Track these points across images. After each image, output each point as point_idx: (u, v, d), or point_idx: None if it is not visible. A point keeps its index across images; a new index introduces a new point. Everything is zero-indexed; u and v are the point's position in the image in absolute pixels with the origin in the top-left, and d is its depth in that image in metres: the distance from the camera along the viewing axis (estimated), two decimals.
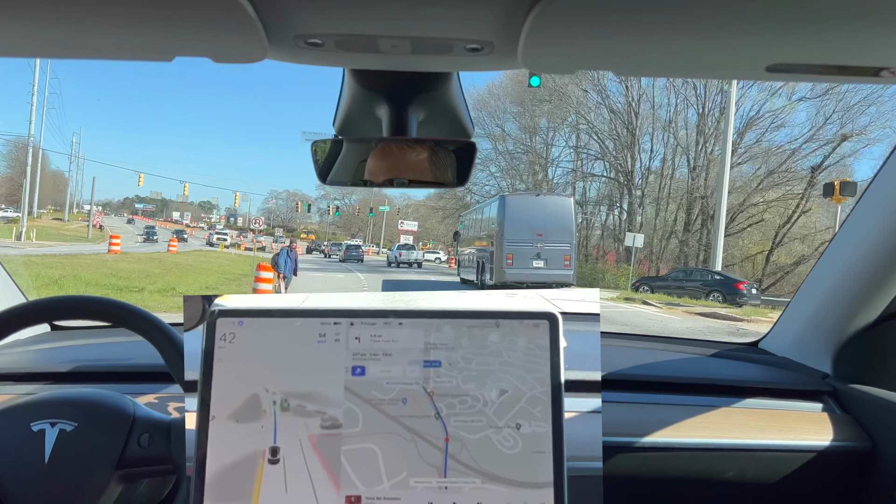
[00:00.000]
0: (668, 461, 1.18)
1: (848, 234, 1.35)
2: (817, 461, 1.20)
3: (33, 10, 0.52)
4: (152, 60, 0.64)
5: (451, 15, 0.55)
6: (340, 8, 0.54)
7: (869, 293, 1.30)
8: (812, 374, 1.43)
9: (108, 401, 0.92)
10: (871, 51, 0.54)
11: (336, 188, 11.11)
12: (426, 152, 1.03)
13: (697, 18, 0.50)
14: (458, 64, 0.72)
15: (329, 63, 0.69)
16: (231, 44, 0.58)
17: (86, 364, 1.30)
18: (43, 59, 1.05)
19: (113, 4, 0.51)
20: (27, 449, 0.86)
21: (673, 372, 1.45)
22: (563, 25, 0.51)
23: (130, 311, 0.93)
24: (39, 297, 0.96)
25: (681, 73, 0.66)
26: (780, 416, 1.28)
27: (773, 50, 0.55)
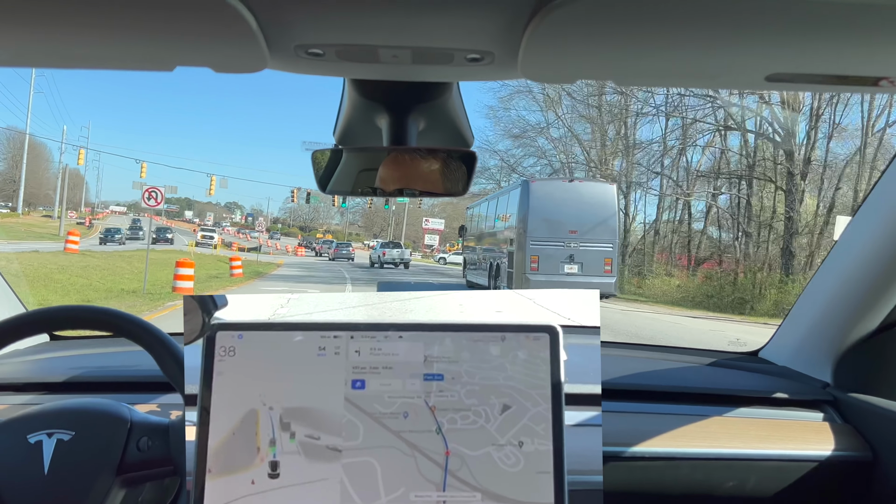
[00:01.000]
0: (668, 471, 1.18)
1: (848, 243, 1.35)
2: (818, 471, 1.20)
3: (36, 21, 0.52)
4: (153, 70, 0.64)
5: (451, 25, 0.55)
6: (341, 18, 0.54)
7: (869, 302, 1.30)
8: (812, 384, 1.43)
9: (104, 408, 0.92)
10: (869, 60, 0.55)
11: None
12: (438, 163, 1.04)
13: (696, 28, 0.50)
14: (458, 74, 0.72)
15: (329, 73, 0.69)
16: (232, 54, 0.58)
17: (85, 374, 1.29)
18: (44, 68, 1.06)
19: (115, 16, 0.51)
20: (25, 461, 0.85)
21: (672, 381, 1.44)
22: (562, 36, 0.52)
23: (130, 321, 0.93)
24: (38, 307, 0.95)
25: (680, 83, 0.67)
26: (781, 426, 1.27)
27: (772, 60, 0.56)
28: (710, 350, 1.76)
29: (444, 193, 1.06)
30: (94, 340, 1.65)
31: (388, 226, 78.25)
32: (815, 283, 1.46)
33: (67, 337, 1.69)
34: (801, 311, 1.51)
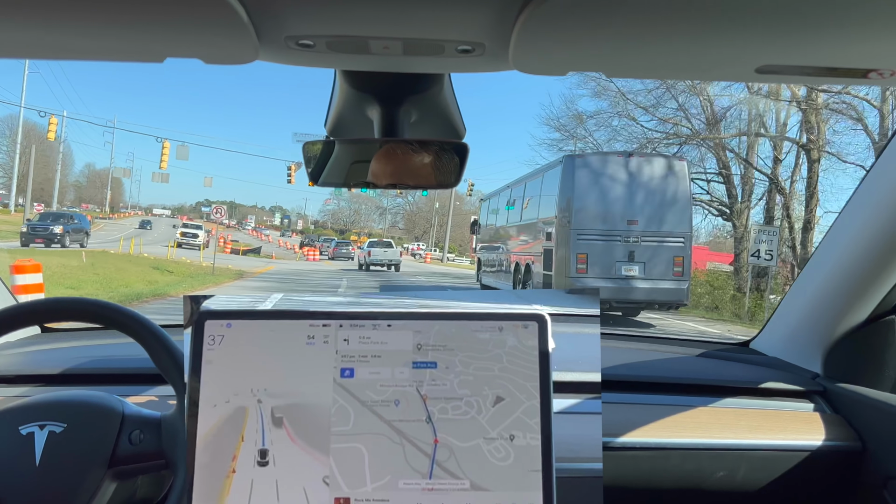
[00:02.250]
0: (659, 461, 1.19)
1: (838, 234, 1.36)
2: (807, 461, 1.21)
3: (24, 12, 0.52)
4: (143, 62, 0.64)
5: (442, 16, 0.55)
6: (331, 9, 0.54)
7: (859, 293, 1.31)
8: (802, 374, 1.44)
9: (97, 400, 0.92)
10: (859, 52, 0.55)
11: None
12: (430, 157, 1.04)
13: (687, 21, 0.50)
14: (449, 65, 0.72)
15: (320, 64, 0.69)
16: (222, 45, 0.58)
17: (76, 366, 1.29)
18: (33, 60, 1.05)
19: (103, 7, 0.51)
20: (17, 453, 0.85)
21: (663, 372, 1.45)
22: (553, 27, 0.52)
23: (120, 313, 0.93)
24: (29, 300, 0.95)
25: (671, 75, 0.67)
26: (771, 416, 1.29)
27: (762, 52, 0.56)
28: (701, 341, 1.77)
29: (437, 186, 1.07)
30: (85, 332, 1.65)
31: (431, 227, 73.11)
32: (805, 275, 1.47)
33: (59, 329, 1.68)
34: (792, 303, 1.52)
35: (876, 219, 1.23)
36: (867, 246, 1.26)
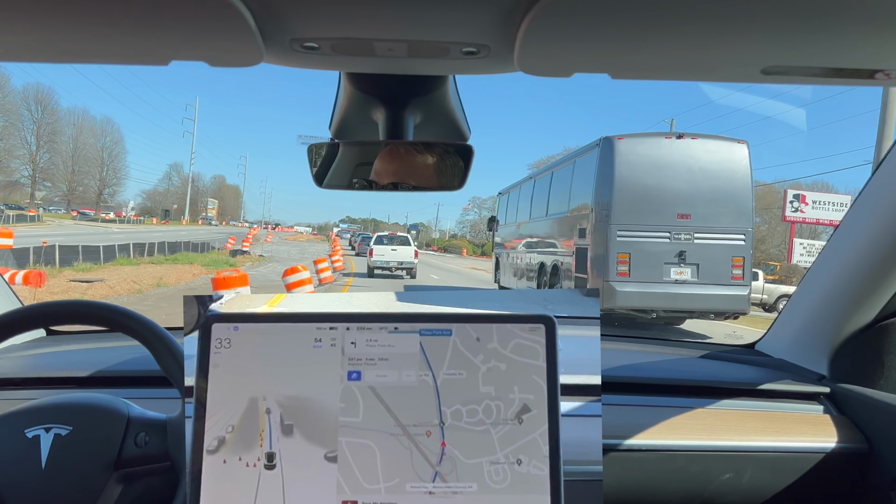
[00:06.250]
0: (665, 464, 1.18)
1: (844, 235, 1.35)
2: (814, 463, 1.21)
3: (31, 15, 0.52)
4: (149, 65, 0.64)
5: (447, 19, 0.55)
6: (336, 12, 0.54)
7: (865, 294, 1.31)
8: (808, 376, 1.43)
9: (102, 403, 0.92)
10: (865, 53, 0.55)
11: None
12: (434, 158, 1.04)
13: (692, 22, 0.50)
14: (454, 67, 0.72)
15: (325, 67, 0.69)
16: (227, 48, 0.58)
17: (82, 369, 1.29)
18: (39, 63, 1.05)
19: (109, 10, 0.51)
20: (23, 456, 0.85)
21: (668, 374, 1.45)
22: (558, 29, 0.52)
23: (126, 316, 0.93)
24: (35, 303, 0.95)
25: (677, 76, 0.67)
26: (777, 418, 1.28)
27: (768, 53, 0.56)
28: (706, 342, 1.76)
29: (440, 188, 1.07)
30: (90, 335, 1.65)
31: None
32: (811, 276, 1.46)
33: (64, 332, 1.69)
34: (798, 304, 1.51)
35: (882, 220, 1.23)
36: (873, 247, 1.26)
